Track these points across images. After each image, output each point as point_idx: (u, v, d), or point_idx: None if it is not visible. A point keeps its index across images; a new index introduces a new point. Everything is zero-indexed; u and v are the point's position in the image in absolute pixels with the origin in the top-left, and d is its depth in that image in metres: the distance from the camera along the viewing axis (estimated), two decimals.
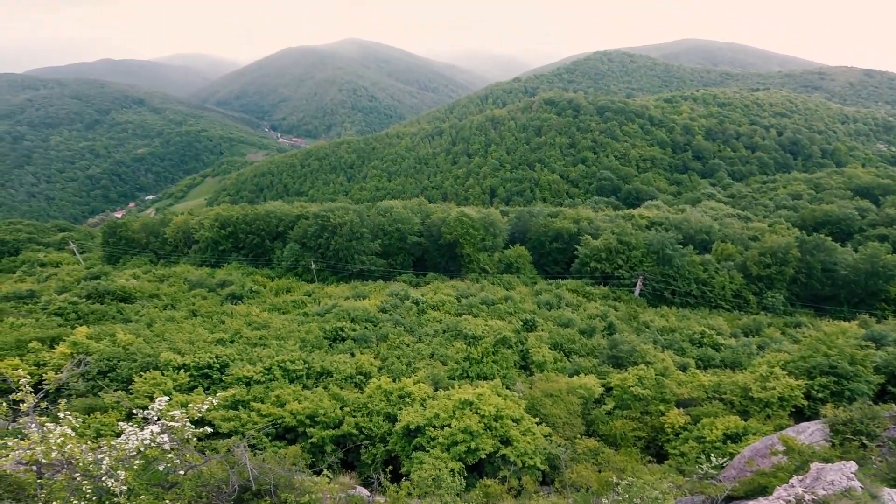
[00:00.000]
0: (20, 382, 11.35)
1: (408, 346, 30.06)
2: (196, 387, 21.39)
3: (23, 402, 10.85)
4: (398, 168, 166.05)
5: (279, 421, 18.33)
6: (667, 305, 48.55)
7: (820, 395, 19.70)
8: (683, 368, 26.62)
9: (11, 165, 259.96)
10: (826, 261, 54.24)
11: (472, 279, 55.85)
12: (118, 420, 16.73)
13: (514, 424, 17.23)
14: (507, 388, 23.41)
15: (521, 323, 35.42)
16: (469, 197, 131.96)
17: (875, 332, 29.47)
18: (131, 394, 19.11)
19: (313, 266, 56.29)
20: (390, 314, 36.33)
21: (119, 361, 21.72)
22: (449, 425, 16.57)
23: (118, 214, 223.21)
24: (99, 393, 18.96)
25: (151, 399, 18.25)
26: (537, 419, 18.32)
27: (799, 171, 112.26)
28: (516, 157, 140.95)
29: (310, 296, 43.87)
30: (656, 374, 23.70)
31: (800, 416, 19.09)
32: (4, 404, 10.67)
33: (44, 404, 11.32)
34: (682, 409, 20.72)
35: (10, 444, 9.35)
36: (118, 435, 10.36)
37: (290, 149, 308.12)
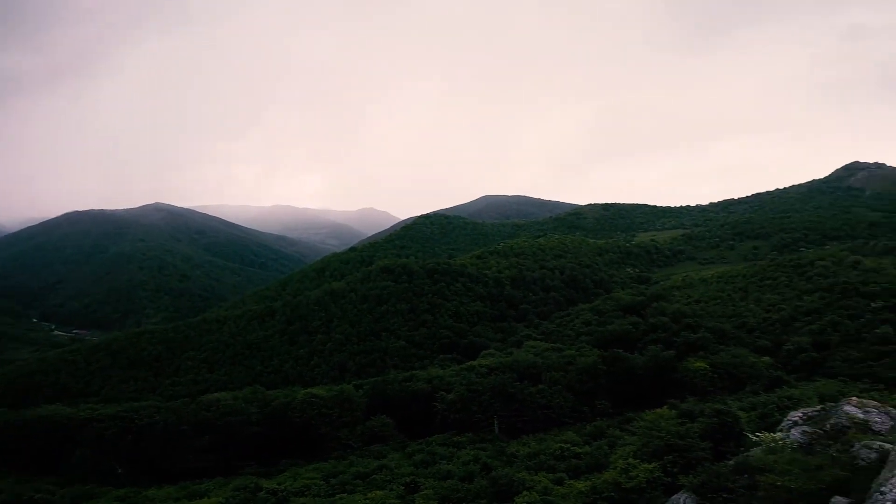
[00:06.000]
0: None
1: None
2: None
3: None
4: (222, 357, 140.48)
5: None
6: (525, 434, 49.51)
7: (675, 469, 21.29)
8: (560, 482, 26.71)
9: None
10: (625, 367, 62.36)
11: (337, 456, 50.61)
12: None
13: None
14: None
15: (403, 487, 32.56)
16: (317, 376, 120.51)
17: (684, 409, 33.74)
18: None
19: (119, 471, 46.81)
20: None
21: None
22: None
23: None
24: None
25: None
26: None
27: (582, 302, 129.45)
28: (362, 329, 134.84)
29: (123, 502, 34.82)
30: (540, 497, 23.37)
31: (669, 490, 20.20)
32: None
33: None
34: None
35: None
36: None
37: (69, 343, 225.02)
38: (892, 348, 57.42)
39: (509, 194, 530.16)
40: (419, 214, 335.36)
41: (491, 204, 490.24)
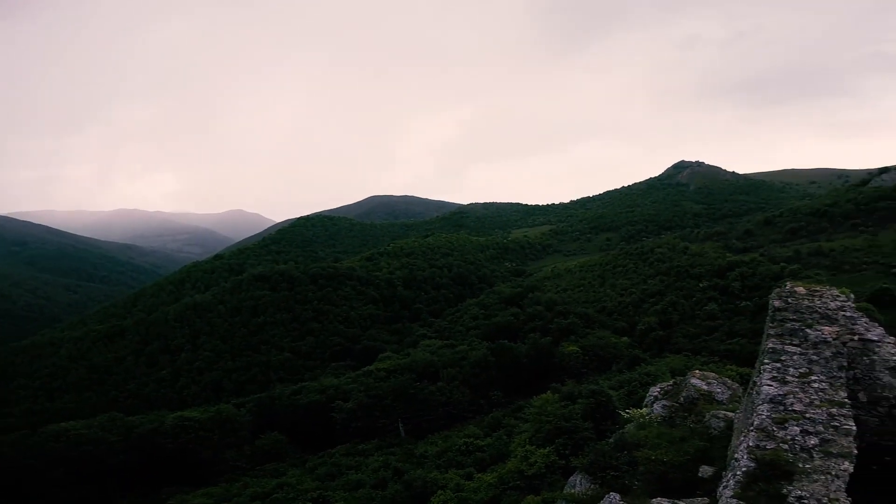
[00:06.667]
0: None
1: None
2: None
3: None
4: (63, 383, 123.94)
5: None
6: (430, 434, 50.85)
7: (567, 451, 23.90)
8: (469, 477, 28.27)
9: None
10: (511, 357, 67.02)
11: (229, 479, 47.58)
12: None
13: None
14: None
15: (311, 503, 31.76)
16: (187, 398, 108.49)
17: (566, 392, 37.48)
18: None
19: None
20: None
21: None
22: None
23: None
24: None
25: None
26: None
27: (470, 297, 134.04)
28: (237, 344, 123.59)
29: None
30: (454, 494, 24.59)
31: (566, 472, 22.67)
32: None
33: None
34: None
35: None
36: None
37: None
38: (719, 324, 69.42)
39: (398, 194, 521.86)
40: (299, 216, 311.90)
41: (380, 204, 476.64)
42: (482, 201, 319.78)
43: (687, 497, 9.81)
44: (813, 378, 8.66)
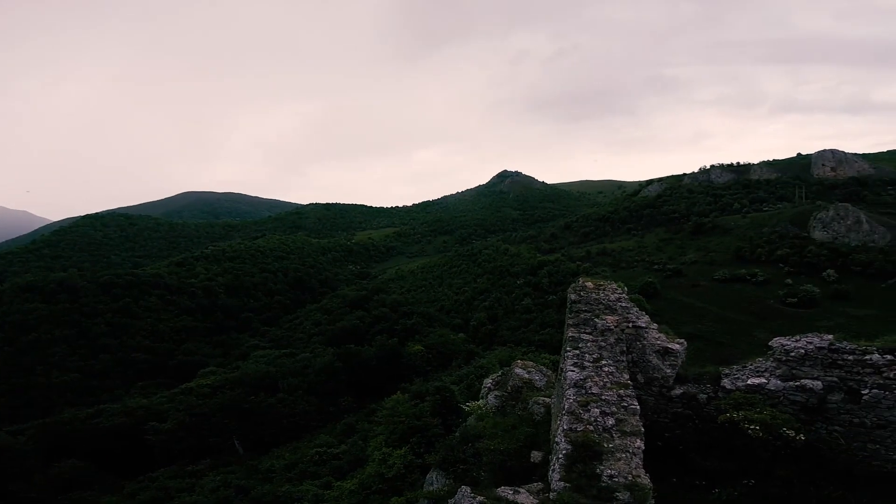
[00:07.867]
0: None
1: None
2: None
3: None
4: None
5: None
6: (276, 447, 48.28)
7: (421, 449, 25.53)
8: (328, 486, 28.12)
9: None
10: (359, 361, 67.33)
11: None
12: None
13: None
14: None
15: None
16: None
17: (414, 391, 39.48)
18: None
19: None
20: None
21: None
22: None
23: None
24: None
25: None
26: None
27: (310, 302, 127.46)
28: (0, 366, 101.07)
29: None
30: None
31: (424, 470, 24.20)
32: None
33: None
34: None
35: None
36: None
37: None
38: (534, 316, 79.42)
39: (219, 191, 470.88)
40: (85, 214, 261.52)
41: (196, 201, 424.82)
42: (324, 202, 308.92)
43: (525, 483, 10.13)
44: (604, 363, 9.20)
